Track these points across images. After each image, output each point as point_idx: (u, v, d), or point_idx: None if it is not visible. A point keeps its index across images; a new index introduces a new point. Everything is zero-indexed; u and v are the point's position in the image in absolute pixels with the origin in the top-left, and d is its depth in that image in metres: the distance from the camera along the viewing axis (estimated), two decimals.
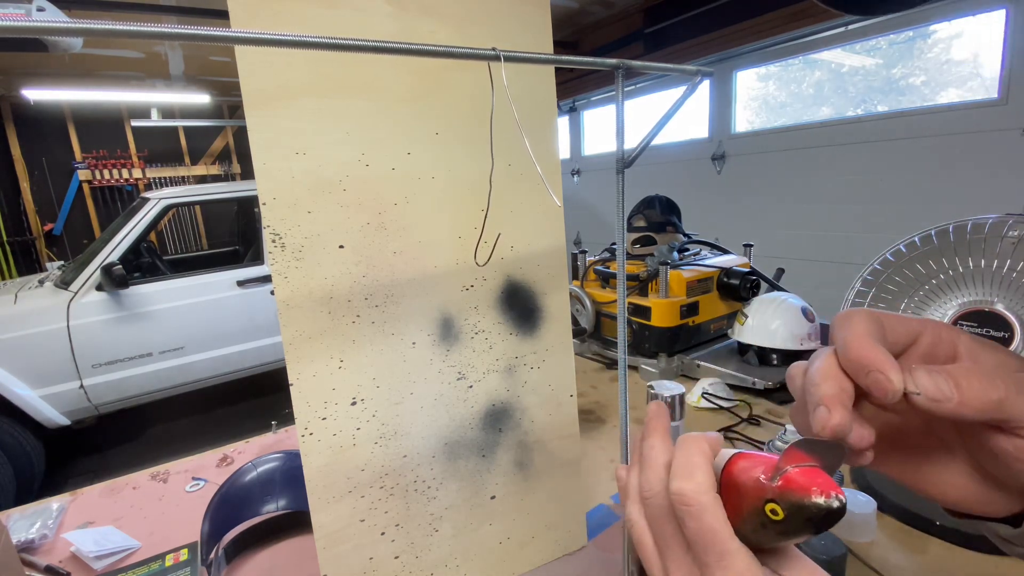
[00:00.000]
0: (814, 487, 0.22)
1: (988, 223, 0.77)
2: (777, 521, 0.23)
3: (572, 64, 0.56)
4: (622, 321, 0.63)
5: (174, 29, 0.32)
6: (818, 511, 0.22)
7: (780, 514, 0.23)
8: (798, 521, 0.22)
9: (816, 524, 0.22)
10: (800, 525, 0.23)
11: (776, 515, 0.23)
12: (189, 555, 0.78)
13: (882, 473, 0.29)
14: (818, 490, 0.22)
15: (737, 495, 0.25)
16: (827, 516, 0.22)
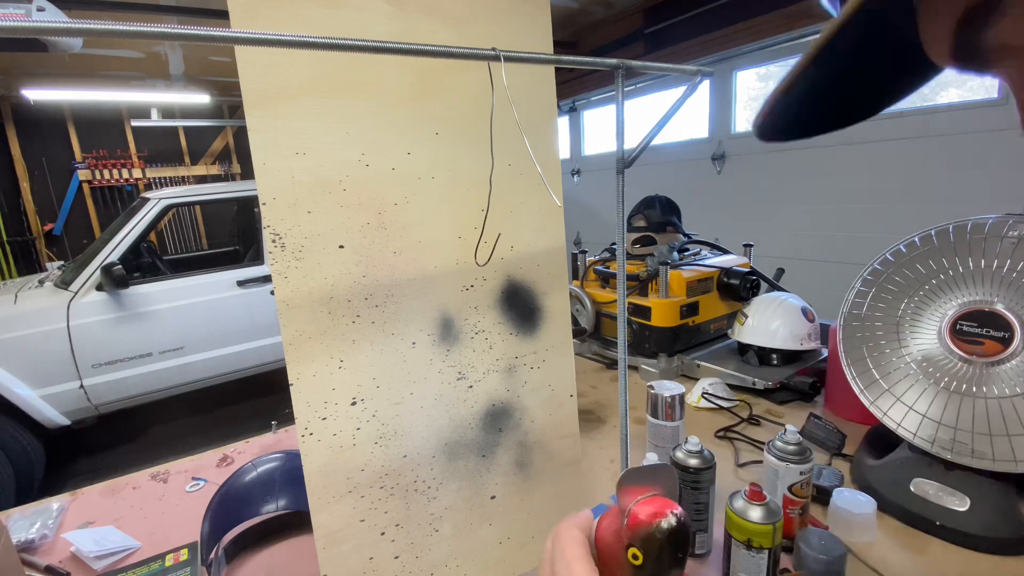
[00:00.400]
0: (652, 514, 0.23)
1: (988, 223, 0.77)
2: (640, 566, 0.24)
3: (572, 64, 0.56)
4: (622, 321, 0.63)
5: (174, 29, 0.32)
6: (662, 535, 0.23)
7: (639, 556, 0.23)
8: (654, 553, 0.23)
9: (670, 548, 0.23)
10: (658, 556, 0.23)
11: (637, 559, 0.24)
12: (189, 555, 0.78)
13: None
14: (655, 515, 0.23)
15: (609, 556, 0.26)
16: (672, 536, 0.23)
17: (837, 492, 0.75)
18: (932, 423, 0.76)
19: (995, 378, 0.73)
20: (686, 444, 0.74)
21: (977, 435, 0.72)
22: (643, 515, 0.24)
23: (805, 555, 0.62)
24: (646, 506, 0.24)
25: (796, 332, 1.22)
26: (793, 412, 1.13)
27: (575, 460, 0.76)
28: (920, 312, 0.82)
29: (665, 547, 0.23)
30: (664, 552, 0.23)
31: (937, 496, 0.74)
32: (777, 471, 0.71)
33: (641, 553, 0.24)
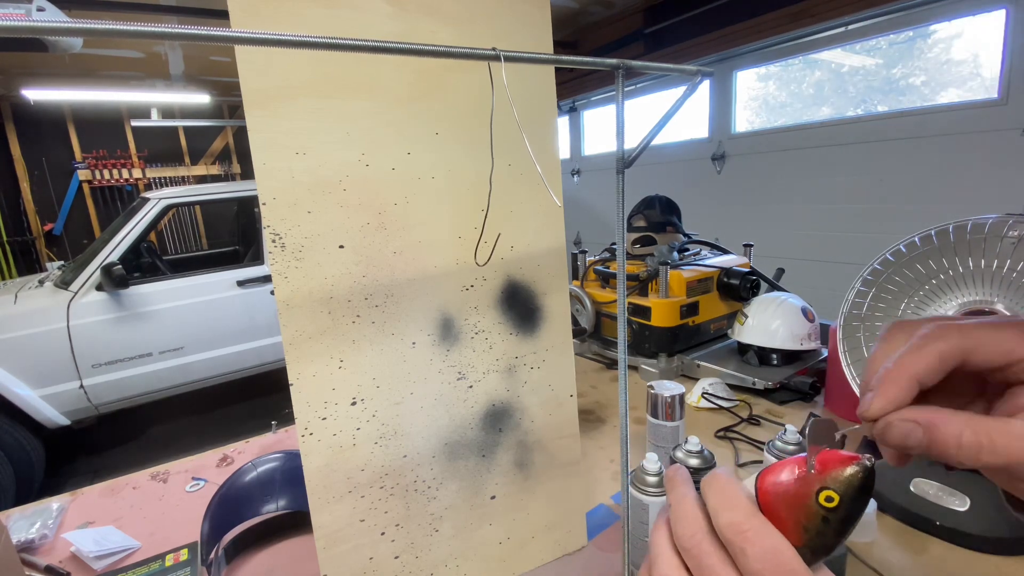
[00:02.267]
0: (845, 459, 0.24)
1: (988, 223, 0.77)
2: (835, 507, 0.24)
3: (572, 64, 0.56)
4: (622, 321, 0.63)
5: (174, 29, 0.32)
6: (864, 474, 0.23)
7: (835, 498, 0.24)
8: (851, 494, 0.24)
9: (866, 489, 0.23)
10: (855, 498, 0.24)
11: (832, 501, 0.24)
12: (189, 555, 0.78)
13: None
14: (849, 460, 0.24)
15: (784, 507, 0.25)
16: (868, 476, 0.23)
17: None
18: None
19: None
20: (686, 444, 0.74)
21: None
22: (836, 460, 0.24)
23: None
24: (834, 454, 0.24)
25: (796, 332, 1.22)
26: (793, 412, 1.13)
27: (575, 460, 0.76)
28: (920, 312, 0.82)
29: (861, 488, 0.24)
30: (860, 494, 0.24)
31: (937, 496, 0.74)
32: None
33: (837, 495, 0.24)
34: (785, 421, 1.08)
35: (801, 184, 3.56)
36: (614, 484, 0.91)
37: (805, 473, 0.25)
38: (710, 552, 0.25)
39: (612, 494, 0.88)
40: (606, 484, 0.91)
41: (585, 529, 0.77)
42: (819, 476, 0.24)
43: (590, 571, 0.72)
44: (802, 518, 0.24)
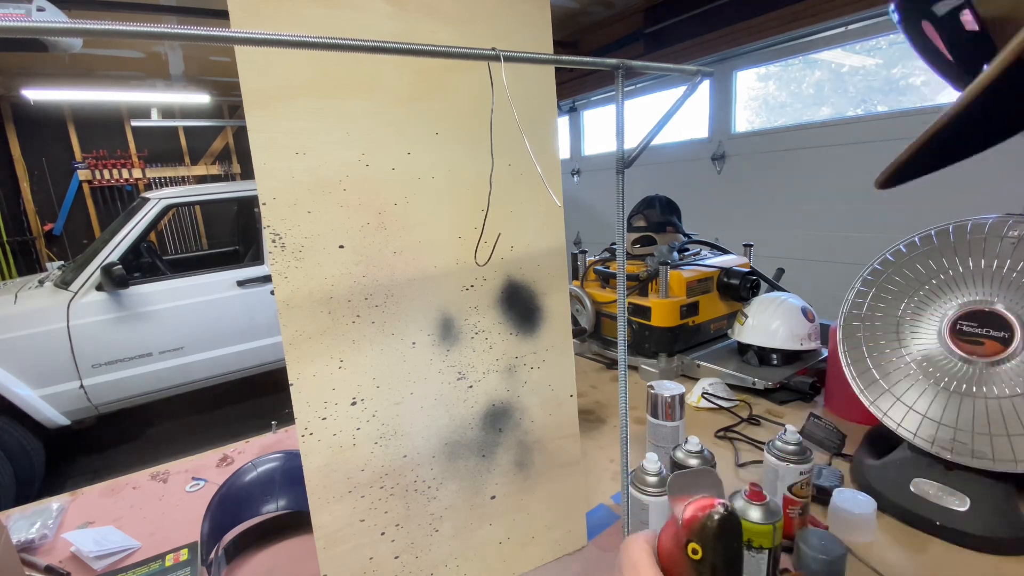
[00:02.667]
0: (701, 510, 0.25)
1: (988, 223, 0.77)
2: (700, 559, 0.25)
3: (572, 64, 0.56)
4: (622, 321, 0.63)
5: (174, 29, 0.32)
6: (713, 524, 0.25)
7: (699, 550, 0.25)
8: (711, 543, 0.25)
9: (724, 537, 0.25)
10: (716, 545, 0.25)
11: (696, 553, 0.25)
12: (189, 555, 0.78)
13: None
14: (706, 507, 0.25)
15: (670, 564, 0.27)
16: (723, 524, 0.24)
17: (837, 492, 0.75)
18: (932, 423, 0.76)
19: (995, 378, 0.73)
20: (686, 444, 0.74)
21: (977, 435, 0.72)
22: (693, 512, 0.26)
23: (805, 555, 0.62)
24: (695, 504, 0.26)
25: (796, 332, 1.22)
26: (793, 412, 1.13)
27: (575, 460, 0.76)
28: (920, 312, 0.82)
29: (719, 536, 0.25)
30: (719, 541, 0.25)
31: (937, 496, 0.74)
32: (777, 471, 0.71)
33: (699, 546, 0.25)
34: (785, 421, 1.08)
35: (801, 184, 3.56)
36: (614, 484, 0.91)
37: (675, 528, 0.26)
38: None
39: (612, 494, 0.88)
40: (606, 484, 0.91)
41: (585, 529, 0.77)
42: (684, 530, 0.26)
43: (590, 571, 0.72)
44: (684, 572, 0.26)
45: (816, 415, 0.98)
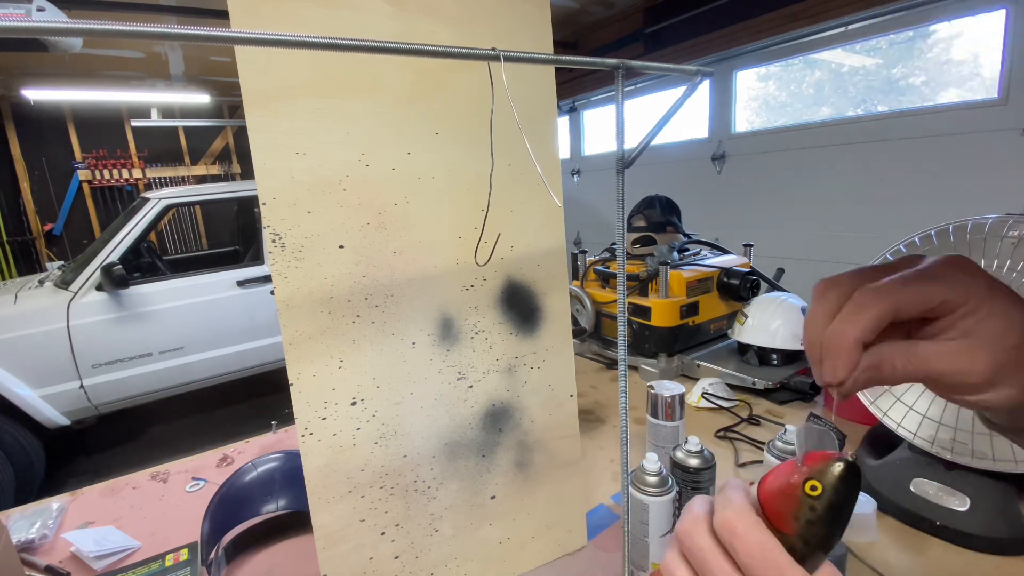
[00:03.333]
0: (828, 456, 0.26)
1: (988, 223, 0.77)
2: (819, 495, 0.26)
3: (572, 64, 0.56)
4: (622, 321, 0.63)
5: (174, 29, 0.32)
6: (843, 467, 0.26)
7: (819, 487, 0.26)
8: (833, 483, 0.26)
9: (847, 479, 0.26)
10: (837, 486, 0.26)
11: (816, 490, 0.26)
12: (189, 555, 0.78)
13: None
14: (834, 455, 0.26)
15: (779, 501, 0.27)
16: (849, 468, 0.26)
17: None
18: (932, 423, 0.76)
19: None
20: (686, 444, 0.74)
21: (977, 435, 0.72)
22: (822, 456, 0.27)
23: None
24: (823, 453, 0.27)
25: (796, 332, 1.22)
26: (793, 412, 1.13)
27: (575, 460, 0.76)
28: None
29: (843, 478, 0.26)
30: (841, 482, 0.26)
31: (937, 496, 0.74)
32: None
33: (820, 484, 0.26)
34: (785, 421, 1.08)
35: (801, 184, 3.56)
36: (614, 484, 0.91)
37: (795, 469, 0.27)
38: (704, 547, 0.28)
39: (612, 494, 0.88)
40: (606, 484, 0.91)
41: (585, 529, 0.77)
42: (807, 469, 0.27)
43: (590, 571, 0.72)
44: (793, 508, 0.26)
45: (816, 415, 0.97)
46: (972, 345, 0.27)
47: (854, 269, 0.30)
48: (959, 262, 0.28)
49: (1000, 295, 0.27)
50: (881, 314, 0.27)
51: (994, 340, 0.27)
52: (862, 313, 0.28)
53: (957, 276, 0.27)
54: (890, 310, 0.27)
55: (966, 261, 0.28)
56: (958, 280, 0.27)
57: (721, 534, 0.27)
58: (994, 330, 0.27)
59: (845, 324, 0.28)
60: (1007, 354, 0.27)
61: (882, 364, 0.29)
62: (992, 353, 0.27)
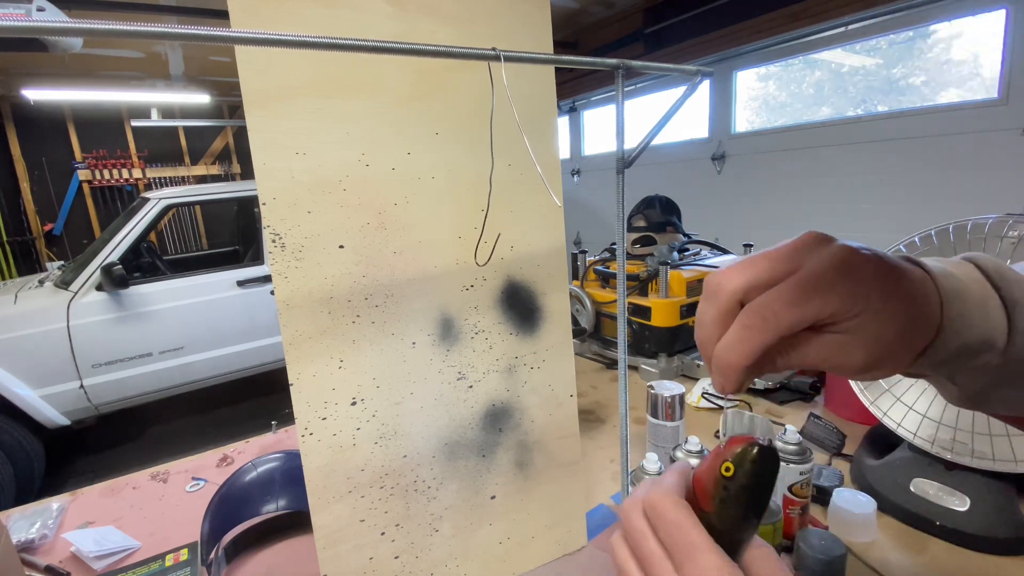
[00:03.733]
0: (744, 440, 0.28)
1: (988, 223, 0.77)
2: (731, 477, 0.27)
3: (572, 64, 0.56)
4: (622, 321, 0.63)
5: (174, 29, 0.32)
6: (755, 450, 0.27)
7: (732, 469, 0.27)
8: (746, 466, 0.27)
9: (759, 462, 0.27)
10: (748, 469, 0.27)
11: (729, 471, 0.27)
12: (189, 555, 0.78)
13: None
14: (750, 439, 0.28)
15: (702, 481, 0.29)
16: (761, 452, 0.27)
17: (837, 492, 0.75)
18: (932, 423, 0.76)
19: None
20: (686, 444, 0.74)
21: (977, 435, 0.72)
22: (738, 441, 0.28)
23: (805, 555, 0.62)
24: (741, 437, 0.28)
25: None
26: (793, 412, 1.13)
27: (575, 460, 0.76)
28: None
29: (755, 461, 0.27)
30: (753, 465, 0.27)
31: (937, 496, 0.74)
32: None
33: (733, 465, 0.27)
34: (785, 421, 1.08)
35: (801, 184, 3.56)
36: (614, 484, 0.91)
37: (718, 452, 0.29)
38: (637, 527, 0.30)
39: (612, 494, 0.88)
40: (606, 484, 0.91)
41: (585, 529, 0.77)
42: (726, 450, 0.28)
43: (590, 571, 0.72)
44: (711, 488, 0.28)
45: (816, 415, 0.98)
46: (850, 341, 0.28)
47: (745, 261, 0.30)
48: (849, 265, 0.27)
49: (888, 296, 0.27)
50: (767, 340, 0.28)
51: (871, 338, 0.27)
52: (749, 341, 0.28)
53: (845, 286, 0.27)
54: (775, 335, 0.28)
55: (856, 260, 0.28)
56: (847, 292, 0.27)
57: (648, 514, 0.30)
58: (873, 330, 0.27)
59: (732, 351, 0.28)
60: (883, 349, 0.28)
61: (764, 363, 0.29)
62: (868, 350, 0.28)
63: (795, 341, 0.29)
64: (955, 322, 0.29)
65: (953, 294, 0.29)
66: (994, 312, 0.29)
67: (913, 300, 0.28)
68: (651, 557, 0.29)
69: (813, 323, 0.28)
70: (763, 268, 0.29)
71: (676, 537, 0.28)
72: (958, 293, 0.29)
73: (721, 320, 0.30)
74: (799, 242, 0.30)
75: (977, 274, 0.30)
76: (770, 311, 0.27)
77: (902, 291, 0.28)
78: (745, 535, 0.28)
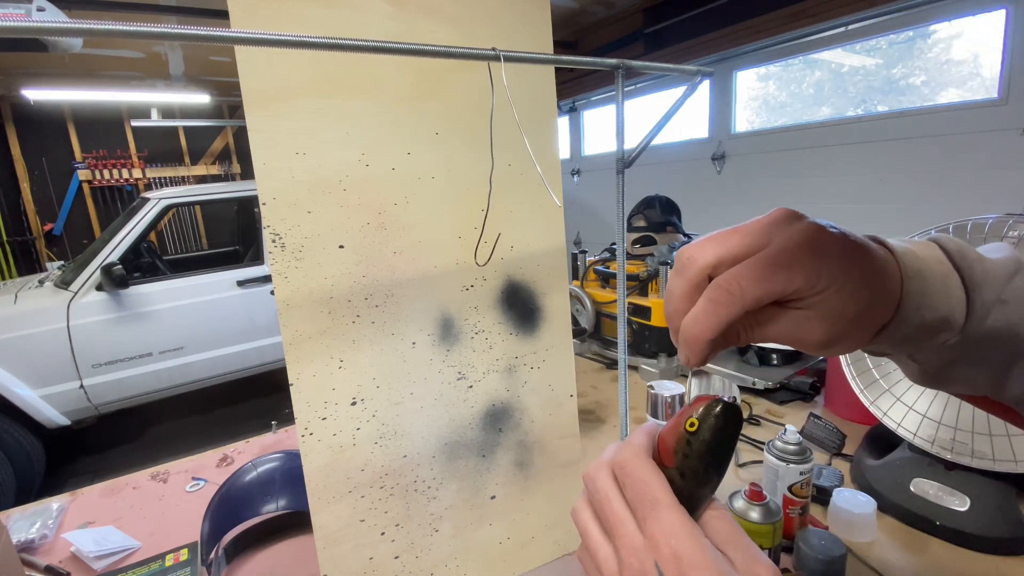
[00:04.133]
0: (709, 398, 0.29)
1: (988, 223, 0.77)
2: (695, 432, 0.28)
3: (572, 64, 0.56)
4: (622, 321, 0.63)
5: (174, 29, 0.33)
6: (718, 405, 0.28)
7: (695, 424, 0.28)
8: (708, 420, 0.28)
9: (722, 417, 0.28)
10: (712, 424, 0.28)
11: (693, 426, 0.28)
12: (189, 555, 0.78)
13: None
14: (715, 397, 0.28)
15: (667, 438, 0.30)
16: (725, 408, 0.28)
17: (837, 492, 0.75)
18: (932, 423, 0.76)
19: None
20: None
21: (977, 435, 0.72)
22: (704, 399, 0.29)
23: (805, 555, 0.62)
24: (704, 397, 0.29)
25: None
26: (793, 412, 1.13)
27: (575, 460, 0.76)
28: None
29: (718, 416, 0.28)
30: (716, 419, 0.28)
31: (937, 496, 0.74)
32: (777, 471, 0.71)
33: (697, 420, 0.28)
34: (785, 421, 1.08)
35: (801, 184, 3.56)
36: None
37: (683, 411, 0.30)
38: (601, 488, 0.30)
39: None
40: None
41: None
42: (690, 410, 0.29)
43: None
44: (675, 444, 0.29)
45: (816, 415, 0.98)
46: (810, 317, 0.28)
47: (713, 235, 0.31)
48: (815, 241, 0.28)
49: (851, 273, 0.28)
50: (732, 314, 0.28)
51: (832, 314, 0.28)
52: (715, 314, 0.28)
53: (809, 261, 0.27)
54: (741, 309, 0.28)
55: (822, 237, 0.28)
56: (810, 266, 0.27)
57: (616, 473, 0.30)
58: (834, 306, 0.28)
59: (698, 324, 0.29)
60: (843, 325, 0.28)
61: (728, 337, 0.30)
62: (829, 326, 0.28)
63: (760, 316, 0.29)
64: (914, 299, 0.29)
65: (914, 272, 0.29)
66: (954, 291, 0.30)
67: (875, 277, 0.28)
68: (613, 517, 0.29)
69: (779, 299, 0.28)
70: (733, 243, 0.30)
71: (642, 492, 0.28)
72: (919, 272, 0.30)
73: (689, 294, 0.30)
74: (770, 218, 0.30)
75: (940, 254, 0.31)
76: (736, 286, 0.28)
77: (865, 268, 0.28)
78: (705, 491, 0.29)
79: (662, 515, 0.27)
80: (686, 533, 0.26)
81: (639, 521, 0.28)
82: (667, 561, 0.26)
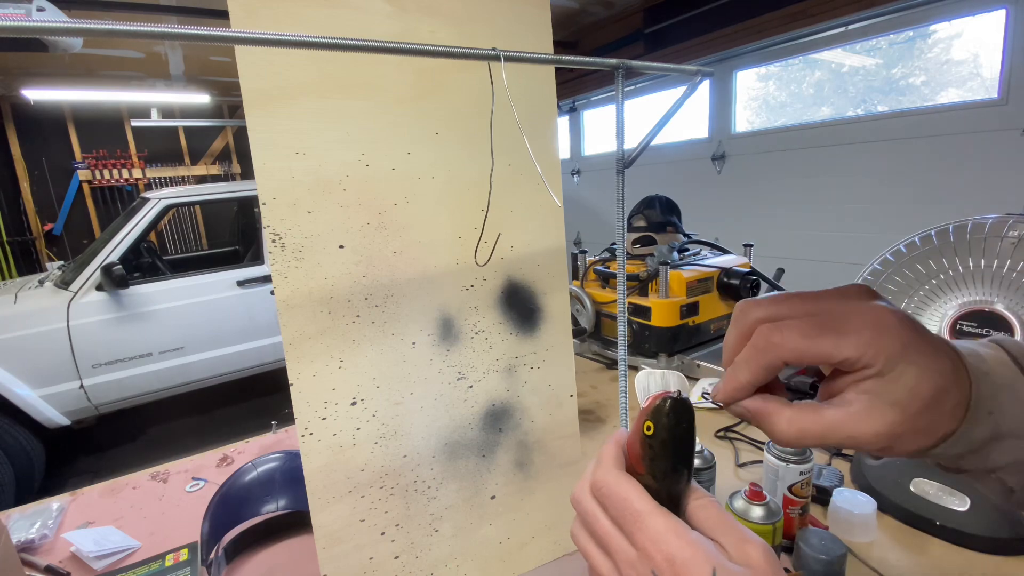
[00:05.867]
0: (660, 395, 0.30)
1: (988, 223, 0.77)
2: (653, 435, 0.28)
3: (572, 64, 0.56)
4: (622, 321, 0.63)
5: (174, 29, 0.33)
6: (668, 403, 0.28)
7: (651, 427, 0.28)
8: (662, 421, 0.28)
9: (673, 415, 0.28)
10: (664, 424, 0.28)
11: (650, 430, 0.29)
12: (189, 555, 0.78)
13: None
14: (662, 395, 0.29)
15: (632, 447, 0.30)
16: (673, 404, 0.28)
17: (837, 492, 0.75)
18: None
19: None
20: None
21: None
22: (654, 398, 0.29)
23: (805, 555, 0.62)
24: (656, 395, 0.29)
25: None
26: None
27: (575, 460, 0.76)
28: (920, 312, 0.82)
29: (668, 414, 0.28)
30: (667, 418, 0.28)
31: (937, 496, 0.74)
32: (777, 471, 0.71)
33: (652, 423, 0.28)
34: None
35: (801, 184, 3.56)
36: None
37: (640, 415, 0.30)
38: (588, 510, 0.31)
39: None
40: None
41: None
42: (644, 412, 0.29)
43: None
44: (639, 450, 0.30)
45: None
46: (868, 406, 0.26)
47: (777, 295, 0.31)
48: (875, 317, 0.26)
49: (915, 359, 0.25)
50: (770, 361, 0.28)
51: (893, 404, 0.26)
52: (754, 360, 0.28)
53: (865, 334, 0.26)
54: (778, 358, 0.28)
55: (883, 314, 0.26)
56: (866, 339, 0.26)
57: (595, 495, 0.31)
58: (895, 394, 0.25)
59: (740, 369, 0.29)
60: (904, 419, 0.26)
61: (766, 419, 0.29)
62: (887, 419, 0.26)
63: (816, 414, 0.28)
64: (985, 403, 0.26)
65: (981, 374, 0.27)
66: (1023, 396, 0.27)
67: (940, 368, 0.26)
68: (605, 536, 0.29)
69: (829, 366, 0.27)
70: (793, 303, 0.29)
71: (622, 508, 0.29)
72: (987, 375, 0.27)
73: (738, 343, 0.30)
74: (840, 289, 0.29)
75: (1004, 356, 0.28)
76: (779, 335, 0.27)
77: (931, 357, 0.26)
78: (681, 487, 0.30)
79: (646, 524, 0.27)
80: (673, 535, 0.26)
81: (627, 535, 0.28)
82: (662, 567, 0.26)
